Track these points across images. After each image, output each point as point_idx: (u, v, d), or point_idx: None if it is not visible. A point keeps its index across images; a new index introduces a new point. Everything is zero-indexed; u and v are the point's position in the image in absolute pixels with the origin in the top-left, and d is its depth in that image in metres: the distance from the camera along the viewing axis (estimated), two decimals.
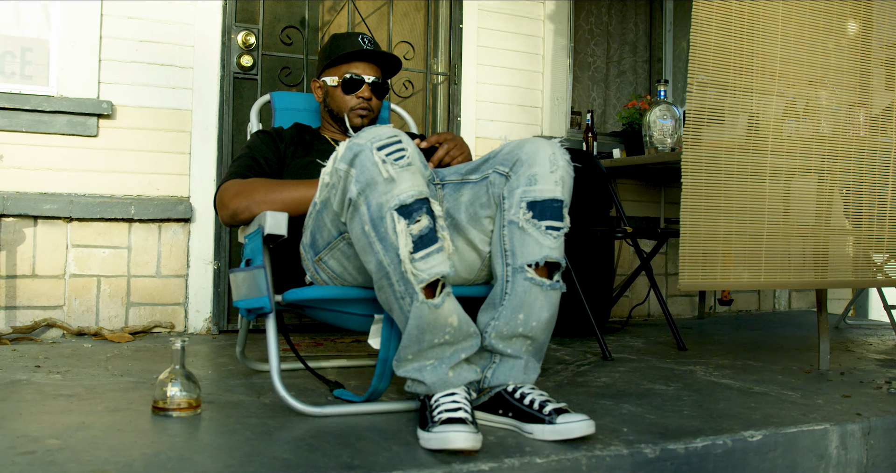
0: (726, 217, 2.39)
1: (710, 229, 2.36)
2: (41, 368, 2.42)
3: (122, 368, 2.46)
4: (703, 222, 2.35)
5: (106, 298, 3.26)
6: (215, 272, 3.43)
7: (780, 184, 2.54)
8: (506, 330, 1.80)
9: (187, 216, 3.36)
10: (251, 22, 3.60)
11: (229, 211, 2.08)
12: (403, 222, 1.62)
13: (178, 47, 3.43)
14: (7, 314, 3.10)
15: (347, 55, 2.44)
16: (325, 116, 2.54)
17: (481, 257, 1.95)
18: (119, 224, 3.28)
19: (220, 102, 3.47)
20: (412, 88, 3.95)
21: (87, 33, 3.27)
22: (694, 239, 2.34)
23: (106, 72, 3.31)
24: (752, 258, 2.44)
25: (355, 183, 1.66)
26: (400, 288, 1.64)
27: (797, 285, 2.60)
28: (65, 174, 3.23)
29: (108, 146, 3.30)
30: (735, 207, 2.40)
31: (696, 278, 2.36)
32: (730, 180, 2.39)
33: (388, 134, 1.69)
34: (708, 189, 2.36)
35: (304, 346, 3.06)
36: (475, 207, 1.92)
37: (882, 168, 2.65)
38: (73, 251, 3.21)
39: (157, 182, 3.38)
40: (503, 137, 4.02)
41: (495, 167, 1.89)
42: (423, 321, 1.62)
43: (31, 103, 3.15)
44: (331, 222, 1.81)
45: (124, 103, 3.33)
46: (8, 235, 3.11)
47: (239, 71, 3.52)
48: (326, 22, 3.96)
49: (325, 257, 1.89)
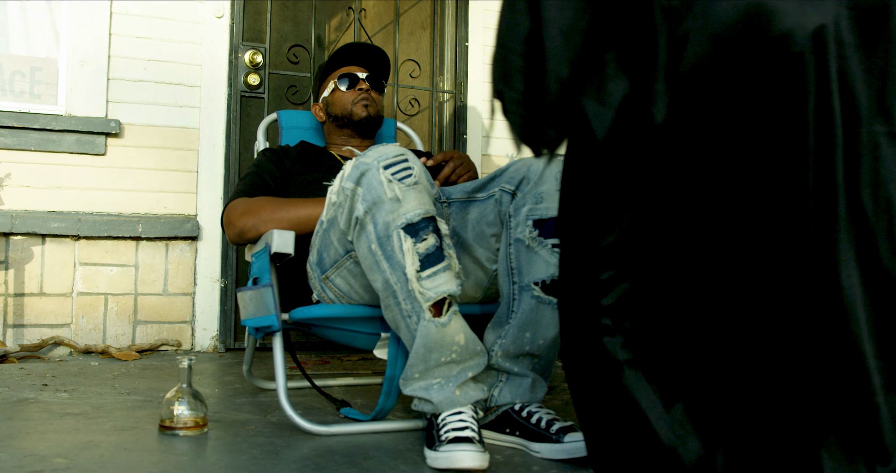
0: None
1: None
2: (48, 386, 2.42)
3: (128, 386, 2.46)
4: None
5: (113, 316, 3.26)
6: (222, 290, 3.43)
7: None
8: (512, 348, 1.80)
9: (194, 234, 3.37)
10: (258, 41, 3.62)
11: (236, 230, 2.09)
12: (410, 240, 1.62)
13: (185, 66, 3.45)
14: (15, 331, 3.11)
15: (338, 58, 2.55)
16: (331, 129, 2.56)
17: (488, 276, 1.95)
18: (126, 242, 3.29)
19: (227, 121, 3.49)
20: (418, 106, 3.96)
21: (95, 53, 3.29)
22: None
23: (114, 91, 3.33)
24: None
25: (362, 202, 1.66)
26: (406, 307, 1.64)
27: None
28: (73, 193, 3.25)
29: (115, 165, 3.32)
30: None
31: None
32: None
33: (395, 153, 1.69)
34: None
35: (310, 364, 3.06)
36: (481, 225, 1.92)
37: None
38: (81, 269, 3.22)
39: (165, 200, 3.39)
40: (509, 154, 4.03)
41: (502, 185, 1.90)
42: (430, 340, 1.62)
43: (40, 122, 3.17)
44: (337, 241, 1.82)
45: (132, 122, 3.35)
46: (16, 253, 3.12)
47: (246, 89, 3.54)
48: (333, 40, 3.98)
49: (331, 276, 1.89)
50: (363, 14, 3.86)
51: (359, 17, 3.82)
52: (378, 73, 2.59)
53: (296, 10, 3.80)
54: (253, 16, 3.64)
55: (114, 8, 3.33)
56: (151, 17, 3.40)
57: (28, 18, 3.32)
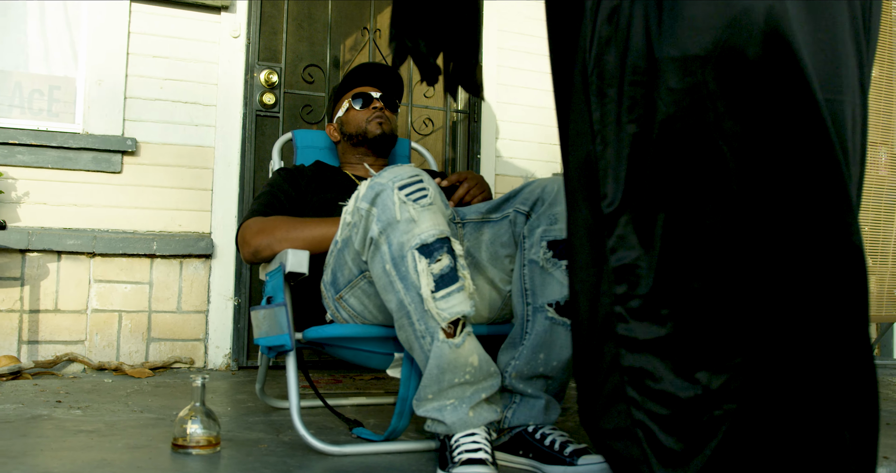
0: None
1: None
2: (62, 403, 2.43)
3: (142, 404, 2.46)
4: None
5: (127, 333, 3.27)
6: (235, 308, 3.44)
7: None
8: (526, 370, 1.80)
9: (208, 252, 3.38)
10: (274, 60, 3.65)
11: (251, 249, 2.10)
12: (424, 261, 1.62)
13: (201, 85, 3.48)
14: (29, 348, 3.12)
15: (352, 78, 2.57)
16: (346, 148, 2.58)
17: (501, 296, 1.95)
18: (141, 260, 3.30)
19: (243, 139, 3.51)
20: (432, 126, 3.98)
21: (113, 72, 3.33)
22: None
23: (131, 109, 3.36)
24: None
25: (377, 222, 1.67)
26: (420, 327, 1.64)
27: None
28: (89, 210, 3.27)
29: (131, 182, 3.34)
30: None
31: None
32: None
33: (410, 173, 1.70)
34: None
35: (323, 383, 3.06)
36: (496, 246, 1.92)
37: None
38: (96, 286, 3.24)
39: (179, 218, 3.41)
40: (523, 174, 4.04)
41: (516, 206, 1.90)
42: (444, 361, 1.62)
43: (58, 140, 3.20)
44: (352, 261, 1.82)
45: (148, 140, 3.38)
46: (32, 270, 3.14)
47: (261, 108, 3.56)
48: (347, 60, 4.01)
49: (345, 296, 1.89)
50: (378, 34, 3.89)
51: (373, 38, 3.85)
52: (392, 92, 2.60)
53: (311, 31, 3.83)
54: (269, 36, 3.67)
55: (132, 27, 3.37)
56: (168, 37, 3.43)
57: (47, 38, 3.35)
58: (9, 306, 3.11)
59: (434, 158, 3.04)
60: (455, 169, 4.01)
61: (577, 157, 1.28)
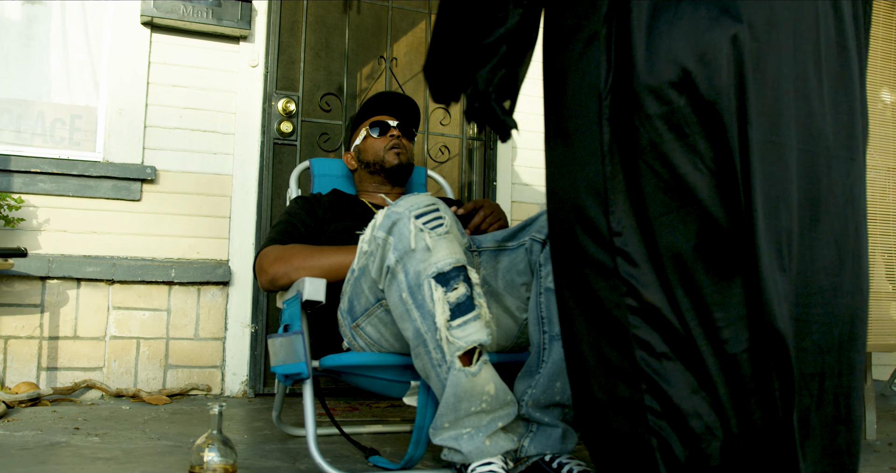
0: None
1: None
2: (80, 430, 2.44)
3: (159, 431, 2.47)
4: None
5: (145, 360, 3.29)
6: (252, 335, 3.45)
7: None
8: (543, 399, 1.79)
9: (226, 279, 3.40)
10: (291, 89, 3.69)
11: (268, 276, 2.12)
12: (441, 289, 1.63)
13: (220, 114, 3.52)
14: (48, 374, 3.14)
15: (369, 108, 2.60)
16: (363, 176, 2.60)
17: (518, 324, 1.95)
18: (159, 287, 3.33)
19: (260, 167, 3.54)
20: (448, 153, 4.00)
21: (133, 101, 3.37)
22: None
23: (150, 138, 3.40)
24: None
25: (393, 251, 1.68)
26: (437, 356, 1.64)
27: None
28: (108, 237, 3.30)
29: (150, 210, 3.38)
30: None
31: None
32: None
33: (426, 202, 1.71)
34: None
35: (339, 410, 3.06)
36: (512, 274, 1.93)
37: None
38: (114, 313, 3.26)
39: (197, 246, 3.43)
40: (539, 201, 4.04)
41: (532, 234, 1.91)
42: (460, 389, 1.62)
43: (79, 168, 3.24)
44: (368, 289, 1.83)
45: (167, 168, 3.42)
46: (52, 297, 3.17)
47: (279, 137, 3.60)
48: (364, 89, 4.05)
49: (362, 324, 1.90)
50: (394, 63, 3.93)
51: (390, 66, 3.88)
52: (408, 121, 2.62)
53: (328, 60, 3.87)
54: (287, 65, 3.72)
55: (152, 57, 3.42)
56: (188, 67, 3.48)
57: (70, 68, 3.41)
58: (28, 332, 3.13)
59: (450, 186, 3.05)
60: (471, 196, 4.02)
61: (585, 177, 1.32)
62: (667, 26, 1.24)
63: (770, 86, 1.23)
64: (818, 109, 1.28)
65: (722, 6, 1.22)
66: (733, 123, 1.21)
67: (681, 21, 1.23)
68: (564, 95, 1.35)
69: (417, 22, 4.12)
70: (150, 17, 3.35)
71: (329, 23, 3.88)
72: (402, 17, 4.07)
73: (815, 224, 1.27)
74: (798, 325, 1.25)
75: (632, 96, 1.25)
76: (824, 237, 1.28)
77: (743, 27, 1.22)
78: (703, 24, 1.22)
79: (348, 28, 3.85)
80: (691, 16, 1.23)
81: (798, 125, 1.26)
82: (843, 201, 1.30)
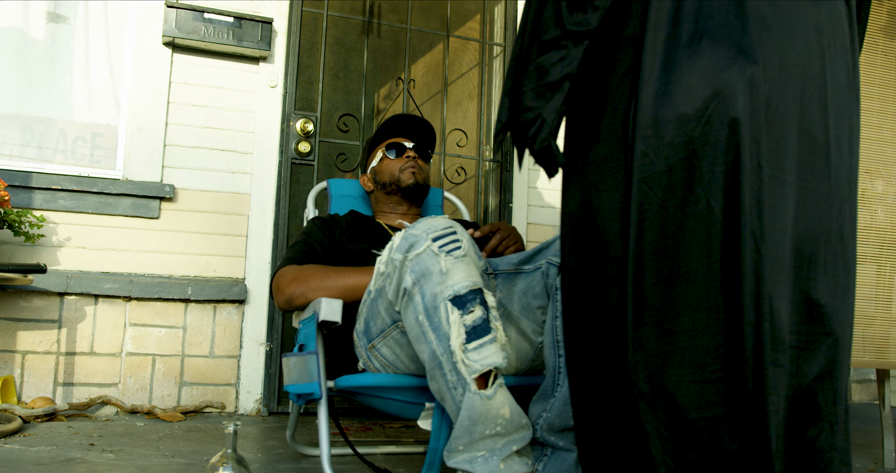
0: None
1: None
2: (95, 446, 2.45)
3: (173, 448, 2.48)
4: None
5: (160, 377, 3.30)
6: (267, 354, 3.46)
7: None
8: (557, 422, 1.79)
9: (242, 298, 3.42)
10: (310, 110, 3.72)
11: (285, 297, 2.13)
12: (457, 312, 1.64)
13: (239, 134, 3.55)
14: (65, 390, 3.16)
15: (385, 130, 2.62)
16: (379, 197, 2.62)
17: (533, 347, 1.96)
18: (176, 304, 3.35)
19: (278, 187, 3.57)
20: (465, 175, 4.02)
21: (154, 120, 3.41)
22: None
23: (170, 157, 3.44)
24: None
25: (410, 273, 1.69)
26: (452, 378, 1.65)
27: (856, 364, 2.57)
28: (126, 255, 3.33)
29: (168, 228, 3.40)
30: None
31: None
32: None
33: (444, 225, 1.72)
34: None
35: (353, 430, 3.06)
36: (528, 297, 1.93)
37: None
38: (131, 330, 3.28)
39: (214, 263, 3.46)
40: (555, 223, 4.05)
41: (549, 258, 1.92)
42: (475, 412, 1.63)
43: (99, 186, 3.28)
44: (385, 311, 1.84)
45: (186, 187, 3.45)
46: (70, 312, 3.20)
47: (296, 157, 3.63)
48: (382, 109, 4.08)
49: (378, 345, 1.91)
50: (412, 84, 3.96)
51: (408, 88, 3.91)
52: (424, 142, 2.65)
53: (347, 81, 3.90)
54: (305, 85, 3.75)
55: (173, 77, 3.46)
56: (208, 87, 3.52)
57: (91, 87, 3.45)
58: (46, 348, 3.16)
59: (466, 207, 3.06)
60: (487, 218, 4.04)
61: (609, 201, 1.38)
62: (687, 62, 1.31)
63: (777, 124, 1.30)
64: (821, 150, 1.34)
65: (739, 47, 1.30)
66: (746, 157, 1.27)
67: (700, 58, 1.31)
68: (599, 123, 1.39)
69: (435, 44, 4.15)
70: (171, 38, 3.39)
71: (348, 44, 3.91)
72: (420, 39, 4.11)
73: (815, 257, 1.34)
74: (794, 352, 1.31)
75: (649, 125, 1.31)
76: (819, 270, 1.34)
77: (758, 68, 1.29)
78: (722, 62, 1.30)
79: (367, 49, 3.89)
80: (710, 54, 1.31)
81: (799, 163, 1.32)
82: (836, 237, 1.36)
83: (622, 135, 1.36)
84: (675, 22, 1.34)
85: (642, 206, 1.32)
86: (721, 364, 1.27)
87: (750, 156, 1.27)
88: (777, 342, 1.26)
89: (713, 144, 1.28)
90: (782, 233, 1.29)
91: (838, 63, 1.38)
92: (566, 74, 1.39)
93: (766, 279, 1.25)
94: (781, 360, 1.27)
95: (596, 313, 1.38)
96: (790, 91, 1.31)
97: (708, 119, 1.28)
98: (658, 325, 1.30)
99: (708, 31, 1.32)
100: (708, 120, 1.28)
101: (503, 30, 4.19)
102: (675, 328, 1.28)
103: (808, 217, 1.33)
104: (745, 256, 1.25)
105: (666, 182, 1.30)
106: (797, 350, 1.30)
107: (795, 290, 1.31)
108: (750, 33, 1.30)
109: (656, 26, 1.35)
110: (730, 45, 1.31)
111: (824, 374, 1.32)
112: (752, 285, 1.25)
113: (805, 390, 1.30)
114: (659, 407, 1.28)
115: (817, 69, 1.34)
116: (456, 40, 4.15)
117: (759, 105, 1.29)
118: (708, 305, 1.28)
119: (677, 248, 1.29)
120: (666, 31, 1.34)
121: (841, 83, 1.38)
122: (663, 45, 1.33)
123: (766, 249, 1.26)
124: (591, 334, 1.40)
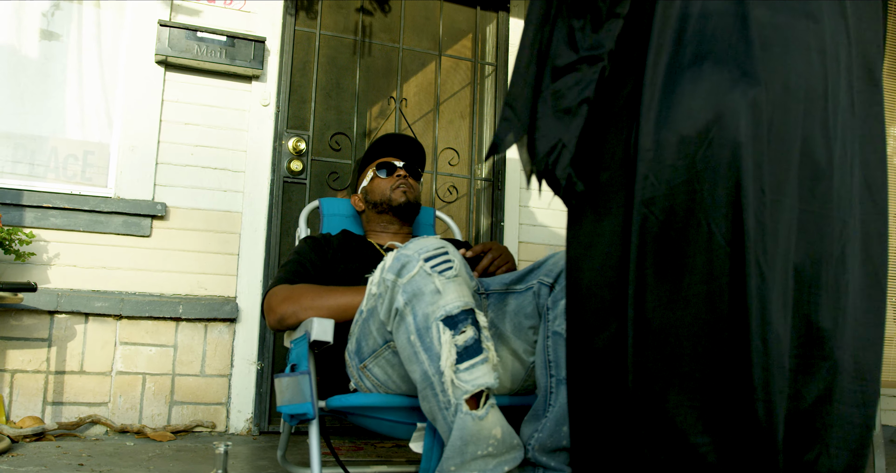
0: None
1: None
2: (84, 466, 2.43)
3: (163, 469, 2.46)
4: None
5: (150, 396, 3.29)
6: (258, 373, 3.45)
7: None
8: (549, 443, 1.79)
9: (233, 316, 3.41)
10: (302, 128, 3.73)
11: (277, 316, 2.13)
12: (449, 332, 1.64)
13: (231, 152, 3.56)
14: (54, 409, 3.14)
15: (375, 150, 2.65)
16: (371, 217, 2.62)
17: (525, 368, 1.96)
18: (166, 323, 3.34)
19: (270, 205, 3.57)
20: (456, 193, 4.03)
21: (146, 138, 3.42)
22: None
23: (161, 175, 3.44)
24: None
25: (402, 293, 1.69)
26: (444, 398, 1.64)
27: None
28: (117, 273, 3.32)
29: (159, 246, 3.40)
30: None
31: None
32: None
33: (436, 246, 1.73)
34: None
35: (344, 450, 3.05)
36: (519, 317, 1.94)
37: None
38: (121, 349, 3.27)
39: (205, 282, 3.45)
40: (548, 242, 4.06)
41: (540, 278, 1.92)
42: (467, 433, 1.62)
43: (90, 204, 3.27)
44: (376, 331, 1.84)
45: (177, 205, 3.45)
46: (59, 331, 3.18)
47: (289, 175, 3.63)
48: (374, 128, 4.09)
49: (369, 365, 1.91)
50: (404, 103, 3.97)
51: (400, 107, 3.93)
52: (414, 161, 2.66)
53: (339, 100, 3.92)
54: (297, 104, 3.76)
55: (165, 95, 3.47)
56: (200, 105, 3.53)
57: (84, 104, 3.46)
58: (35, 367, 3.14)
59: (458, 226, 3.07)
60: (479, 236, 4.04)
61: (611, 224, 1.38)
62: (690, 84, 1.31)
63: (779, 147, 1.30)
64: (823, 172, 1.34)
65: (742, 69, 1.30)
66: (748, 181, 1.26)
67: (703, 80, 1.30)
68: (604, 146, 1.40)
69: (427, 63, 4.17)
70: (164, 56, 3.40)
71: (340, 63, 3.93)
72: (412, 58, 4.13)
73: (816, 280, 1.33)
74: (793, 375, 1.30)
75: (650, 148, 1.31)
76: (821, 293, 1.33)
77: (761, 90, 1.29)
78: (725, 84, 1.29)
79: (359, 69, 3.90)
80: (713, 76, 1.30)
81: (801, 186, 1.32)
82: (838, 260, 1.36)
83: (624, 157, 1.36)
84: (678, 43, 1.34)
85: (643, 229, 1.31)
86: (723, 390, 1.25)
87: (752, 180, 1.26)
88: (781, 368, 1.26)
89: (715, 167, 1.27)
90: (785, 257, 1.29)
91: (840, 84, 1.38)
92: (584, 98, 1.39)
93: (770, 306, 1.25)
94: (783, 385, 1.27)
95: (597, 336, 1.37)
96: (793, 113, 1.31)
97: (710, 142, 1.27)
98: (659, 349, 1.29)
99: (711, 53, 1.31)
100: (710, 143, 1.27)
101: (495, 49, 4.21)
102: (676, 353, 1.28)
103: (809, 240, 1.33)
104: (751, 282, 1.24)
105: (667, 205, 1.29)
106: (795, 374, 1.29)
107: (796, 314, 1.30)
108: (753, 55, 1.30)
109: (659, 47, 1.35)
110: (733, 67, 1.30)
111: (823, 398, 1.32)
112: (759, 311, 1.24)
113: (803, 413, 1.30)
114: (658, 432, 1.27)
115: (819, 91, 1.34)
116: (448, 59, 4.17)
117: (761, 128, 1.28)
118: (710, 330, 1.27)
119: (678, 272, 1.29)
120: (669, 52, 1.34)
121: (843, 104, 1.38)
122: (666, 67, 1.33)
123: (770, 274, 1.25)
124: (592, 357, 1.39)
